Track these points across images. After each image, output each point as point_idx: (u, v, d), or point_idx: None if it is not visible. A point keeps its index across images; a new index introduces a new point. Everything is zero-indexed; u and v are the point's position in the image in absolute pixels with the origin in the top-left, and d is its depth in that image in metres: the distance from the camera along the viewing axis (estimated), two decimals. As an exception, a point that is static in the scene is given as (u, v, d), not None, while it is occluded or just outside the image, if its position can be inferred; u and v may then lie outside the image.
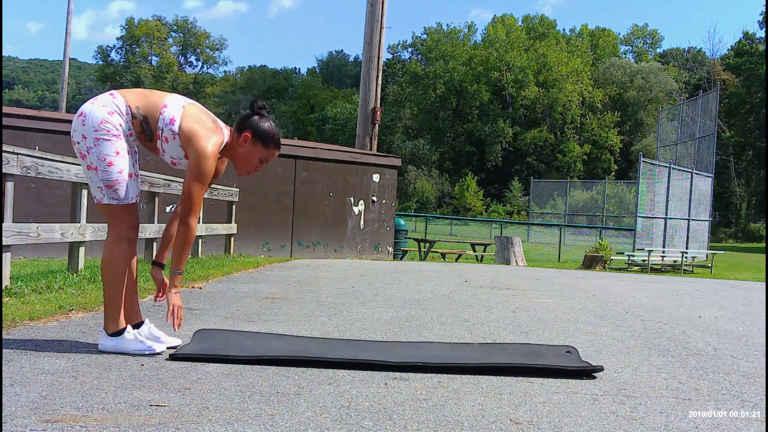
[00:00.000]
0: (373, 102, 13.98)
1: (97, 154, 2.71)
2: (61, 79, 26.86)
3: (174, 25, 61.90)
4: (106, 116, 2.72)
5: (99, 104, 2.75)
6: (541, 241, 26.24)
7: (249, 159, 2.86)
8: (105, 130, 2.70)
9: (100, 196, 2.76)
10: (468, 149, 52.93)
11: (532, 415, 2.17)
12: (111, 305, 2.82)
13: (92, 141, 2.71)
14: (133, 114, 2.76)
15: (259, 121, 2.84)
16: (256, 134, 2.83)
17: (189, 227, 2.74)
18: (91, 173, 2.74)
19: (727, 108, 45.44)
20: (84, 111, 2.76)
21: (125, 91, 2.83)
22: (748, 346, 3.74)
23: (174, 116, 2.75)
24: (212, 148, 2.75)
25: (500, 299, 5.57)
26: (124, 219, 2.78)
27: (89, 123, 2.71)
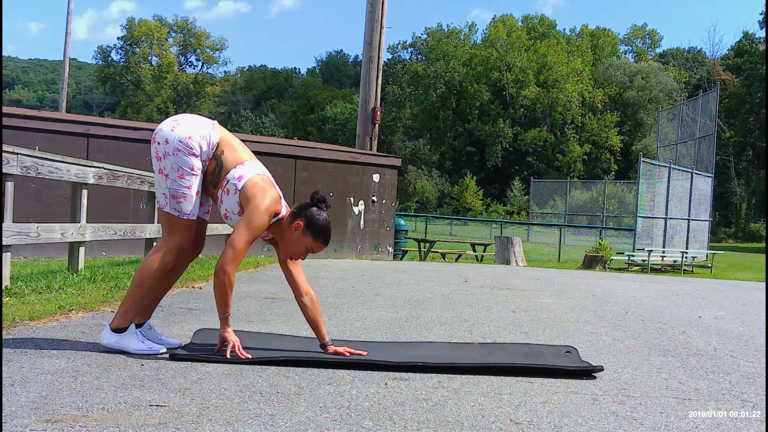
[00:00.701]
0: (373, 102, 13.98)
1: (172, 162, 2.76)
2: (61, 79, 26.86)
3: (174, 25, 61.85)
4: (195, 136, 2.78)
5: (195, 123, 2.82)
6: (541, 241, 26.23)
7: (295, 245, 2.89)
8: (188, 146, 2.76)
9: (163, 202, 2.81)
10: (468, 149, 52.93)
11: (532, 415, 2.17)
12: (126, 304, 2.84)
13: (173, 149, 2.76)
14: (215, 154, 2.83)
15: (316, 213, 2.88)
16: (309, 225, 2.86)
17: (227, 273, 2.74)
18: (160, 177, 2.79)
19: (727, 108, 45.44)
20: (179, 119, 2.83)
21: (224, 132, 2.89)
22: (748, 346, 3.74)
23: (243, 175, 2.81)
24: (269, 204, 2.79)
25: (500, 299, 5.57)
26: (179, 232, 2.83)
27: (177, 132, 2.77)
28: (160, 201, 2.81)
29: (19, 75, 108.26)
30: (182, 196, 2.78)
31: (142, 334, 2.87)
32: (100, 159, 7.61)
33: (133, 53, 60.42)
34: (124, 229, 6.44)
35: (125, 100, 60.91)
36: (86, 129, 9.77)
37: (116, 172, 6.07)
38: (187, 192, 2.78)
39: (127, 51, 61.14)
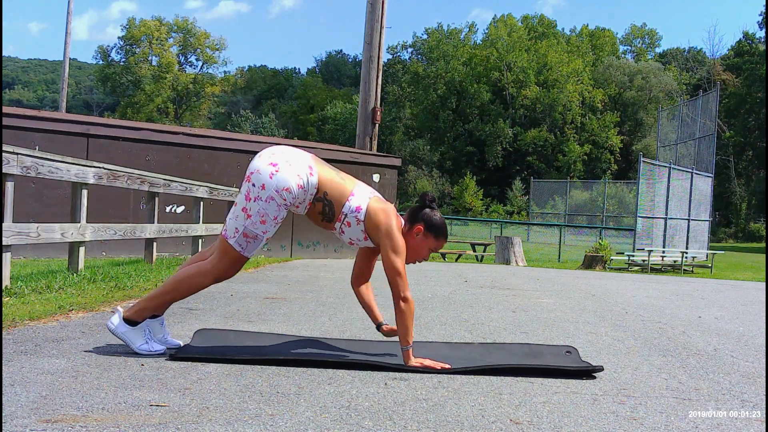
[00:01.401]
0: (373, 102, 13.97)
1: (260, 208, 2.78)
2: (61, 79, 26.86)
3: (174, 25, 61.83)
4: (293, 186, 2.78)
5: (294, 169, 2.80)
6: (541, 241, 26.23)
7: (419, 249, 2.94)
8: (282, 198, 2.77)
9: (231, 234, 2.81)
10: (468, 149, 52.93)
11: (532, 415, 2.17)
12: (149, 302, 2.85)
13: (266, 196, 2.77)
14: (318, 198, 2.84)
15: (431, 214, 2.94)
16: (429, 227, 2.92)
17: (409, 300, 2.80)
18: (241, 214, 2.80)
19: (727, 108, 45.44)
20: (279, 162, 2.79)
21: (322, 170, 2.87)
22: (748, 346, 3.74)
23: (360, 205, 2.86)
24: (394, 222, 2.86)
25: (500, 299, 5.58)
26: (232, 264, 2.84)
27: (277, 180, 2.76)
28: (229, 231, 2.81)
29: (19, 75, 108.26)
30: (254, 238, 2.81)
31: (149, 332, 2.87)
32: (100, 159, 7.61)
33: (133, 53, 60.41)
34: (124, 229, 6.44)
35: (125, 100, 60.90)
36: (86, 129, 9.78)
37: (116, 172, 6.07)
38: (261, 237, 2.82)
39: (127, 51, 61.13)
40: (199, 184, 8.49)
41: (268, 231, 2.82)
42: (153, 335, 2.88)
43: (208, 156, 10.76)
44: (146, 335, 2.85)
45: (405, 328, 2.77)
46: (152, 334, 2.88)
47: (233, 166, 10.93)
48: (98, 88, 69.54)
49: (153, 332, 2.89)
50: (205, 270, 2.85)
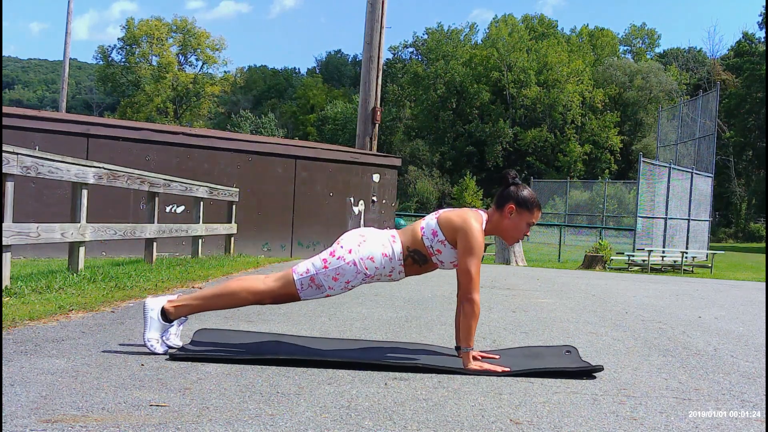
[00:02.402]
0: (373, 102, 13.97)
1: (339, 266, 2.82)
2: (61, 79, 26.86)
3: (173, 25, 61.78)
4: (377, 255, 2.84)
5: (380, 240, 2.88)
6: (541, 241, 26.23)
7: (518, 227, 2.95)
8: (364, 266, 2.82)
9: (301, 271, 2.84)
10: (468, 149, 52.92)
11: (532, 415, 2.17)
12: (193, 304, 2.88)
13: (350, 259, 2.82)
14: (405, 256, 2.89)
15: (518, 190, 2.95)
16: (520, 203, 2.93)
17: (474, 302, 2.81)
18: (319, 263, 2.84)
19: (727, 108, 45.42)
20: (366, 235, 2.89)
21: (401, 233, 2.94)
22: (748, 346, 3.74)
23: (433, 228, 2.88)
24: (476, 224, 2.86)
25: (500, 299, 5.58)
26: (282, 294, 2.87)
27: (362, 249, 2.83)
28: (299, 268, 2.85)
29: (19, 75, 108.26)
30: (317, 287, 2.84)
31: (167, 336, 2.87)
32: (100, 159, 7.61)
33: (133, 53, 60.38)
34: (124, 229, 6.44)
35: (125, 100, 60.87)
36: (86, 129, 9.77)
37: (116, 172, 6.07)
38: (323, 290, 2.83)
39: (127, 51, 61.10)
40: (199, 184, 8.49)
41: (334, 289, 2.84)
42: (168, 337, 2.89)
43: (208, 156, 10.76)
44: (164, 334, 2.85)
45: (468, 329, 2.79)
46: (168, 336, 2.89)
47: (233, 166, 10.93)
48: (98, 88, 69.48)
49: (168, 331, 2.90)
50: (257, 288, 2.87)
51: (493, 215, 2.96)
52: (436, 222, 2.90)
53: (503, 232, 2.97)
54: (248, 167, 11.11)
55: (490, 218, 2.96)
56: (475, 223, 2.86)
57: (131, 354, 2.79)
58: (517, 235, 2.97)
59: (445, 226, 2.87)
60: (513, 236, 2.98)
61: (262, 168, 11.27)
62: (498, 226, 2.95)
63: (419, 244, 2.89)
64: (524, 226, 2.96)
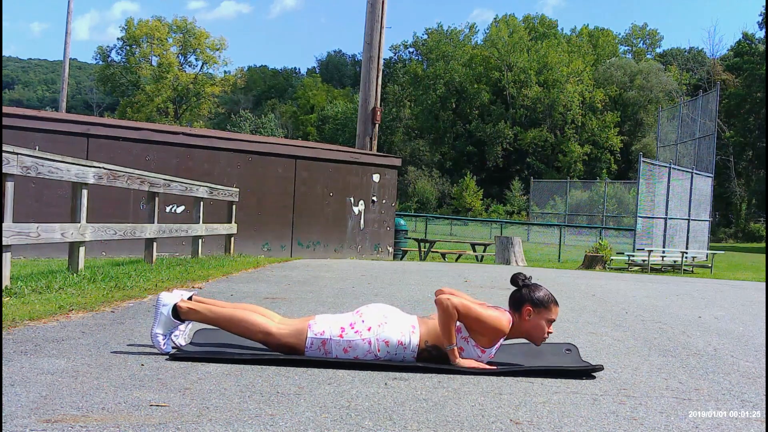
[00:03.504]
0: (373, 102, 13.97)
1: (354, 340, 2.80)
2: (61, 79, 26.86)
3: (174, 25, 61.77)
4: (392, 340, 2.82)
5: (400, 328, 2.85)
6: (541, 241, 26.23)
7: (538, 327, 2.92)
8: (377, 348, 2.80)
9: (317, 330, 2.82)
10: (468, 149, 52.93)
11: (532, 415, 2.17)
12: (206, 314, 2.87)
13: (365, 337, 2.80)
14: (420, 350, 2.85)
15: (530, 291, 2.93)
16: (536, 303, 2.91)
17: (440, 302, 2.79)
18: (337, 330, 2.82)
19: (727, 108, 45.42)
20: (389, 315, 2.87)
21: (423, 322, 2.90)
22: (748, 346, 3.74)
23: (458, 324, 2.84)
24: (506, 323, 2.85)
25: (500, 299, 5.57)
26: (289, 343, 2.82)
27: (381, 330, 2.82)
28: (317, 327, 2.82)
29: (19, 75, 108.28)
30: (326, 352, 2.80)
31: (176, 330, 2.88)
32: (100, 159, 7.61)
33: (133, 53, 60.38)
34: (124, 229, 6.44)
35: (125, 100, 60.88)
36: (86, 129, 9.78)
37: (116, 172, 6.07)
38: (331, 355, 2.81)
39: (127, 51, 61.10)
40: (199, 184, 8.49)
41: (339, 358, 2.82)
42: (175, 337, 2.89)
43: (208, 156, 10.76)
44: (172, 332, 2.86)
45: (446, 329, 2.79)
46: (175, 335, 2.89)
47: (233, 166, 10.93)
48: (98, 88, 69.48)
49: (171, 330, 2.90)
50: (268, 329, 2.84)
51: (514, 321, 2.93)
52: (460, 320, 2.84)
53: (527, 334, 2.94)
54: (248, 167, 11.11)
55: (512, 323, 2.92)
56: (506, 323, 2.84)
57: (131, 354, 2.79)
58: (540, 334, 2.93)
59: (473, 322, 2.82)
60: (537, 336, 2.94)
61: (262, 168, 11.27)
62: (520, 329, 2.92)
63: (437, 337, 2.84)
64: (545, 325, 2.93)
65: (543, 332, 2.93)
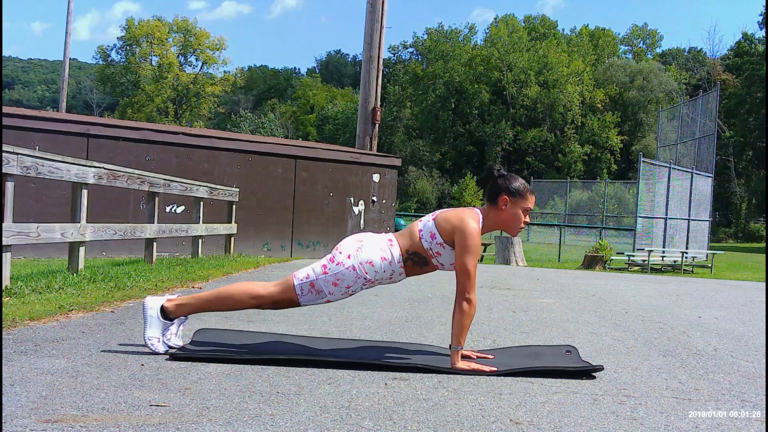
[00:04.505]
0: (373, 102, 13.97)
1: (339, 271, 2.83)
2: (61, 79, 26.86)
3: (174, 25, 61.75)
4: (376, 259, 2.85)
5: (378, 245, 2.88)
6: (541, 241, 26.23)
7: (515, 218, 2.95)
8: (364, 271, 2.83)
9: (301, 277, 2.86)
10: (468, 149, 52.94)
11: (532, 415, 2.17)
12: (193, 303, 2.89)
13: (349, 264, 2.83)
14: (405, 258, 2.89)
15: (506, 181, 2.95)
16: (512, 193, 2.93)
17: (471, 302, 2.79)
18: (319, 268, 2.86)
19: (727, 108, 45.41)
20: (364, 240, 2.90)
21: (401, 239, 2.93)
22: (748, 346, 3.74)
23: (431, 230, 2.87)
24: (474, 224, 2.85)
25: (500, 299, 5.57)
26: (281, 300, 2.89)
27: (361, 253, 2.84)
28: (300, 274, 2.87)
29: (19, 75, 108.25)
30: (317, 293, 2.85)
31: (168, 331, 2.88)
32: (100, 159, 7.61)
33: (133, 53, 60.36)
34: (124, 229, 6.44)
35: (125, 100, 60.87)
36: (86, 129, 9.77)
37: (116, 172, 6.07)
38: (323, 295, 2.85)
39: (127, 51, 61.08)
40: (199, 184, 8.49)
41: (334, 295, 2.85)
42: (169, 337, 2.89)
43: (208, 156, 10.76)
44: (164, 332, 2.86)
45: (461, 327, 2.78)
46: (169, 336, 2.89)
47: (233, 166, 10.93)
48: (98, 88, 69.46)
49: (167, 328, 2.90)
50: (257, 292, 2.89)
51: (489, 211, 2.95)
52: (434, 223, 2.89)
53: (504, 225, 2.96)
54: (248, 167, 11.11)
55: (487, 215, 2.95)
56: (472, 222, 2.85)
57: (131, 354, 2.79)
58: (517, 224, 2.96)
59: (442, 227, 2.86)
60: (514, 226, 2.96)
61: (262, 168, 11.27)
62: (497, 220, 2.95)
63: (418, 246, 2.89)
64: (521, 216, 2.95)
65: (520, 221, 2.95)
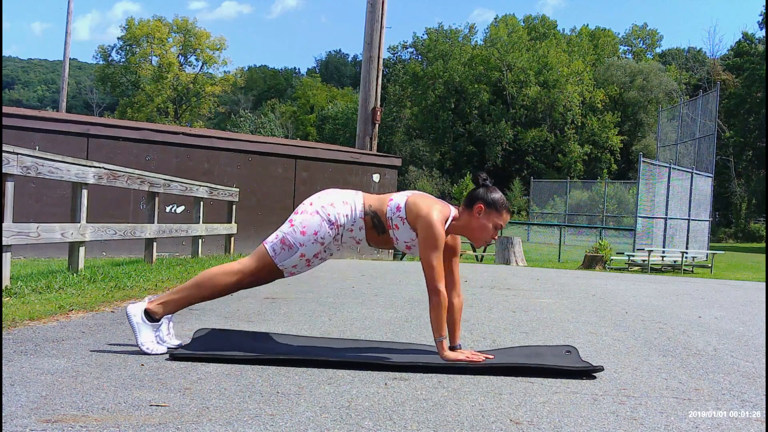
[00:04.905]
0: (373, 102, 13.97)
1: (303, 219, 2.87)
2: (61, 79, 26.86)
3: (174, 25, 61.73)
4: (337, 202, 2.89)
5: (342, 194, 2.96)
6: (541, 241, 26.23)
7: (484, 229, 2.94)
8: (326, 212, 2.86)
9: (272, 240, 2.90)
10: (468, 149, 52.93)
11: (532, 415, 2.17)
12: (175, 296, 2.88)
13: (312, 210, 2.88)
14: (365, 212, 2.91)
15: (487, 192, 2.95)
16: (488, 204, 2.93)
17: (440, 292, 2.81)
18: (286, 224, 2.92)
19: (727, 108, 45.40)
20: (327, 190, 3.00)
21: (365, 194, 3.00)
22: (748, 346, 3.74)
23: (399, 203, 2.89)
24: (438, 215, 2.85)
25: (500, 299, 5.58)
26: (260, 269, 2.90)
27: (322, 198, 2.91)
28: (269, 239, 2.91)
29: (19, 75, 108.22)
30: (289, 247, 2.86)
31: (160, 337, 2.87)
32: (100, 159, 7.61)
33: (133, 53, 60.34)
34: (124, 229, 6.44)
35: (125, 100, 60.86)
36: (86, 129, 9.78)
37: (116, 172, 6.07)
38: (296, 248, 2.86)
39: (127, 51, 61.07)
40: (199, 184, 8.49)
41: (305, 245, 2.86)
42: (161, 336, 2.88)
43: (208, 156, 10.76)
44: (156, 334, 2.85)
45: (438, 320, 2.80)
46: (161, 335, 2.88)
47: (233, 166, 10.93)
48: (98, 88, 69.46)
49: (161, 331, 2.89)
50: (232, 269, 2.90)
51: (462, 214, 2.94)
52: (405, 201, 2.90)
53: (471, 232, 2.94)
54: (248, 167, 11.11)
55: (459, 216, 2.94)
56: (438, 215, 2.84)
57: (131, 354, 2.79)
58: (484, 236, 2.94)
59: (410, 208, 2.87)
60: (481, 237, 2.94)
61: (262, 168, 11.27)
62: (467, 226, 2.93)
63: (381, 211, 2.90)
64: (491, 229, 2.94)
65: (488, 234, 2.95)
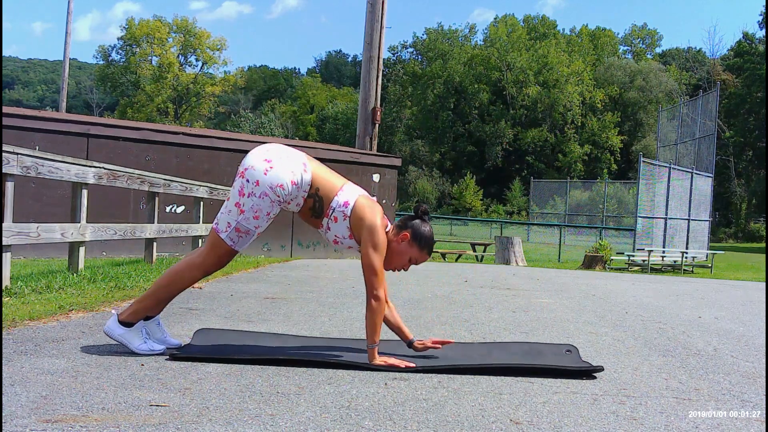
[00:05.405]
0: (373, 102, 13.97)
1: (253, 203, 2.80)
2: (61, 79, 26.87)
3: (174, 25, 61.73)
4: (286, 183, 2.80)
5: (289, 166, 2.82)
6: (541, 241, 26.24)
7: (401, 256, 2.92)
8: (276, 194, 2.79)
9: (223, 228, 2.84)
10: (468, 149, 52.94)
11: (532, 415, 2.17)
12: (144, 302, 2.86)
13: (260, 192, 2.78)
14: (310, 194, 2.85)
15: (421, 225, 2.93)
16: (415, 236, 2.91)
17: (380, 299, 2.78)
18: (234, 209, 2.83)
19: (727, 108, 45.41)
20: (272, 159, 2.81)
21: (315, 167, 2.90)
22: (748, 346, 3.74)
23: (348, 200, 2.85)
24: (380, 220, 2.85)
25: (500, 299, 5.58)
26: (220, 256, 2.88)
27: (271, 177, 2.78)
28: (221, 225, 2.84)
29: (19, 75, 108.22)
30: (246, 233, 2.83)
31: (146, 332, 2.87)
32: (100, 159, 7.61)
33: (133, 53, 60.35)
34: (124, 229, 6.44)
35: (125, 100, 60.87)
36: (86, 129, 9.77)
37: (116, 172, 6.07)
38: (253, 232, 2.84)
39: (127, 51, 61.07)
40: (199, 184, 8.49)
41: (260, 226, 2.84)
42: (151, 336, 2.88)
43: (208, 156, 10.76)
44: (143, 335, 2.85)
45: (372, 326, 2.77)
46: (150, 335, 2.88)
47: (233, 166, 10.90)
48: (98, 88, 69.48)
49: (151, 333, 2.89)
50: (195, 263, 2.88)
51: (390, 233, 2.92)
52: (355, 200, 2.85)
53: (390, 254, 2.90)
54: (248, 167, 11.10)
55: (388, 233, 2.91)
56: (381, 222, 2.84)
57: (131, 354, 2.79)
58: (398, 262, 2.92)
59: (358, 209, 2.83)
60: (393, 261, 2.91)
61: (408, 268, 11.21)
62: (389, 246, 2.90)
63: (327, 198, 2.85)
64: (406, 260, 2.91)
65: (401, 263, 2.93)
